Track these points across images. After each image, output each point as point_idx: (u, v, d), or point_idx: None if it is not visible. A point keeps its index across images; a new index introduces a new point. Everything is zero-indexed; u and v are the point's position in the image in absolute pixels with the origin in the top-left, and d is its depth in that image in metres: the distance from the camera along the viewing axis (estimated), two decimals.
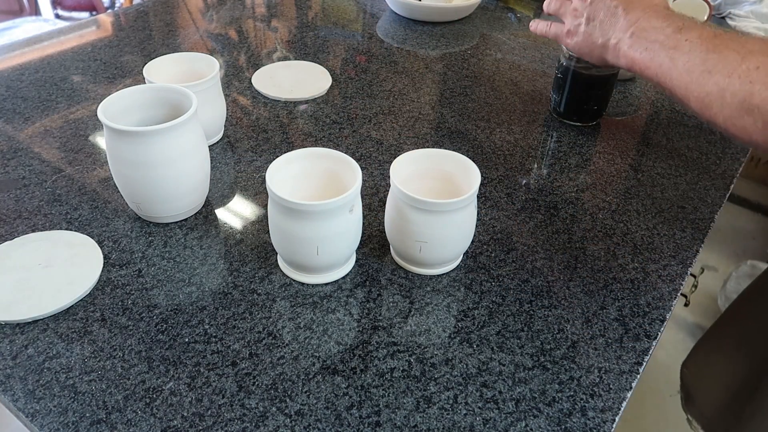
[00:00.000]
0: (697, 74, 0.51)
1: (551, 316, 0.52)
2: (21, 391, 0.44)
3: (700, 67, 0.50)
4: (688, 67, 0.52)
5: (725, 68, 0.48)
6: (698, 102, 0.51)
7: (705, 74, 0.50)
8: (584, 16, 0.64)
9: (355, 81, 0.87)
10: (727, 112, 0.48)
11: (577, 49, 0.67)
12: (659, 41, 0.55)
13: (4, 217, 0.59)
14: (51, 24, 2.23)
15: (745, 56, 0.47)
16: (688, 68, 0.51)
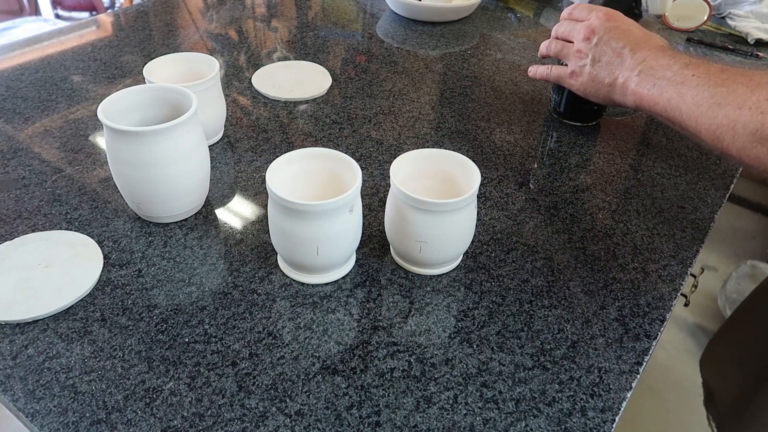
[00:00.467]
0: (706, 107, 0.51)
1: (551, 316, 0.52)
2: (21, 391, 0.44)
3: (710, 100, 0.51)
4: (697, 101, 0.52)
5: (735, 101, 0.49)
6: (710, 135, 0.51)
7: (715, 107, 0.51)
8: (589, 56, 0.65)
9: (355, 81, 0.87)
10: (739, 144, 0.49)
11: (582, 89, 0.67)
12: (667, 77, 0.56)
13: (4, 217, 0.59)
14: (51, 24, 2.23)
15: (754, 89, 0.48)
16: (697, 102, 0.52)
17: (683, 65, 0.55)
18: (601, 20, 0.64)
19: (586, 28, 0.65)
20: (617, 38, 0.62)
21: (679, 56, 0.57)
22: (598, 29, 0.64)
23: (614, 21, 0.64)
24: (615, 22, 0.64)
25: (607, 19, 0.64)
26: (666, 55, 0.58)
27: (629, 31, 0.63)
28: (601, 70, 0.63)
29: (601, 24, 0.64)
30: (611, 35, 0.63)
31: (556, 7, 1.16)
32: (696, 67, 0.55)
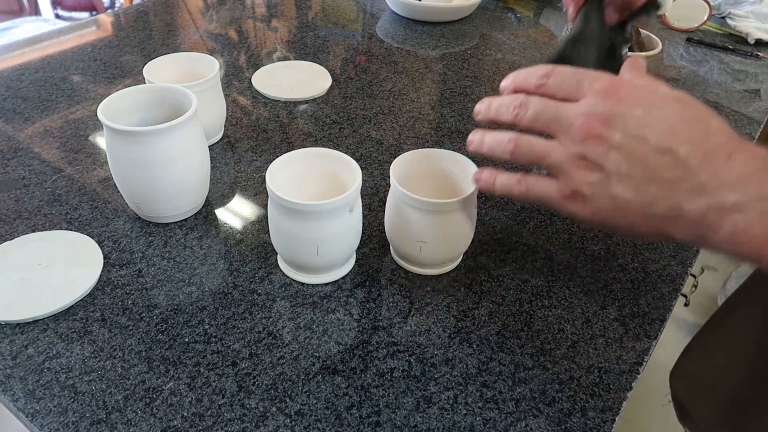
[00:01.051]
0: None
1: (551, 316, 0.52)
2: (21, 391, 0.44)
3: None
4: None
5: None
6: None
7: None
8: (606, 167, 0.37)
9: (355, 81, 0.87)
10: None
11: (600, 219, 0.39)
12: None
13: (4, 217, 0.59)
14: (51, 24, 2.23)
15: None
16: None
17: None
18: (607, 101, 0.37)
19: (588, 119, 0.37)
20: (656, 133, 0.36)
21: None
22: (605, 119, 0.37)
23: (636, 101, 0.37)
24: (638, 102, 0.37)
25: (617, 98, 0.37)
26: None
27: (669, 114, 0.36)
28: (641, 190, 0.36)
29: (608, 108, 0.37)
30: (642, 128, 0.36)
31: (556, 7, 1.16)
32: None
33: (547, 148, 0.39)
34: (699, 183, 0.34)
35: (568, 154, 0.38)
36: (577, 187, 0.38)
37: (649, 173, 0.35)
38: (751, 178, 0.33)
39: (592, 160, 0.37)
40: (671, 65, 0.99)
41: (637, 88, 0.37)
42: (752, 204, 0.32)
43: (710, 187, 0.34)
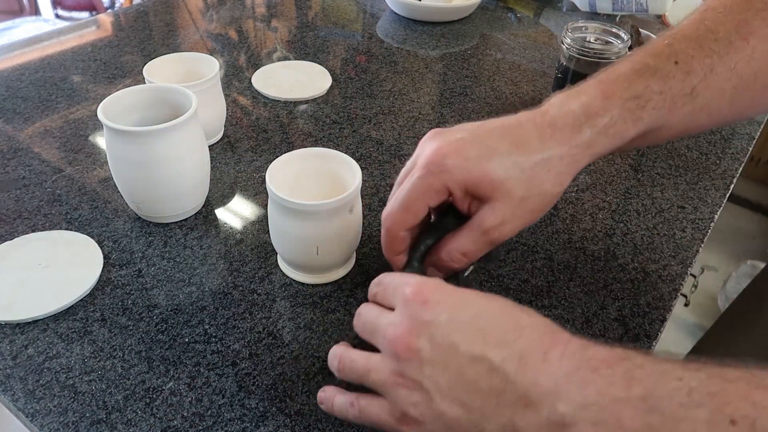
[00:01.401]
0: None
1: (551, 316, 0.52)
2: (21, 391, 0.44)
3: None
4: None
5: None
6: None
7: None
8: (424, 383, 0.33)
9: (355, 81, 0.87)
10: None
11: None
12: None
13: (4, 217, 0.59)
14: (51, 24, 2.23)
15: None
16: None
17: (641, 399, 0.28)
18: (413, 308, 0.34)
19: (396, 330, 0.34)
20: (466, 339, 0.32)
21: (616, 366, 0.31)
22: (413, 330, 0.33)
23: (440, 304, 0.34)
24: (442, 305, 0.34)
25: (422, 303, 0.34)
26: (598, 367, 0.31)
27: (477, 314, 0.34)
28: (467, 406, 0.32)
29: (414, 317, 0.34)
30: (450, 335, 0.33)
31: (555, 7, 1.16)
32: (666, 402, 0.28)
33: (369, 364, 0.35)
34: (522, 394, 0.30)
35: (388, 371, 0.34)
36: (404, 409, 0.33)
37: (468, 386, 0.31)
38: (571, 381, 0.30)
39: (410, 377, 0.33)
40: None
41: (441, 289, 0.35)
42: (580, 414, 0.29)
43: (535, 398, 0.30)
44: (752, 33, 0.43)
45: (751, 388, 0.27)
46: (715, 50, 0.43)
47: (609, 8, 1.06)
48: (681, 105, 0.42)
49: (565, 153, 0.40)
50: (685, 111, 0.43)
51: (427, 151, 0.41)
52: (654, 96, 0.41)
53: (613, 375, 0.30)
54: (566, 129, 0.40)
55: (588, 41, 0.75)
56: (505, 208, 0.40)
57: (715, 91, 0.43)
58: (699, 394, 0.27)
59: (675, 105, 0.42)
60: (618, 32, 0.75)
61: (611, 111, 0.41)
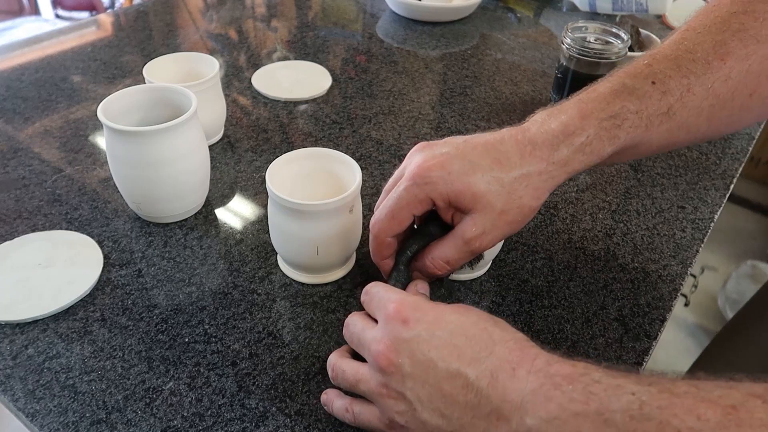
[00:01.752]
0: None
1: (551, 316, 0.52)
2: (21, 391, 0.44)
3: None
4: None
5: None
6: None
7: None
8: (407, 396, 0.36)
9: (355, 81, 0.87)
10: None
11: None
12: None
13: (4, 217, 0.59)
14: (51, 24, 2.23)
15: None
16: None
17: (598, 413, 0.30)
18: (394, 326, 0.37)
19: (379, 346, 0.37)
20: (443, 355, 0.35)
21: (579, 378, 0.32)
22: (394, 347, 0.36)
23: (419, 322, 0.36)
24: (421, 323, 0.36)
25: (402, 322, 0.37)
26: (558, 382, 0.32)
27: (452, 331, 0.36)
28: (447, 416, 0.35)
29: (395, 334, 0.36)
30: (429, 351, 0.35)
31: (556, 7, 1.16)
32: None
33: (358, 375, 0.39)
34: (495, 408, 0.33)
35: (375, 383, 0.37)
36: (391, 417, 0.37)
37: (446, 399, 0.35)
38: (536, 397, 0.32)
39: (394, 389, 0.36)
40: None
41: (420, 307, 0.37)
42: (545, 428, 0.32)
43: (505, 412, 0.33)
44: (729, 53, 0.44)
45: (696, 401, 0.29)
46: (693, 70, 0.44)
47: (609, 8, 1.06)
48: (658, 124, 0.44)
49: (543, 170, 0.42)
50: (663, 129, 0.44)
51: (414, 164, 0.43)
52: (630, 115, 0.43)
53: (573, 391, 0.32)
54: (545, 147, 0.42)
55: (588, 41, 0.75)
56: (485, 219, 0.42)
57: (692, 110, 0.44)
58: (649, 407, 0.29)
59: (652, 123, 0.43)
60: (618, 32, 0.75)
61: (587, 130, 0.42)
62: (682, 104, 0.43)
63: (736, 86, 0.44)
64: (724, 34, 0.44)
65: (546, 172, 0.42)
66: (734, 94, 0.44)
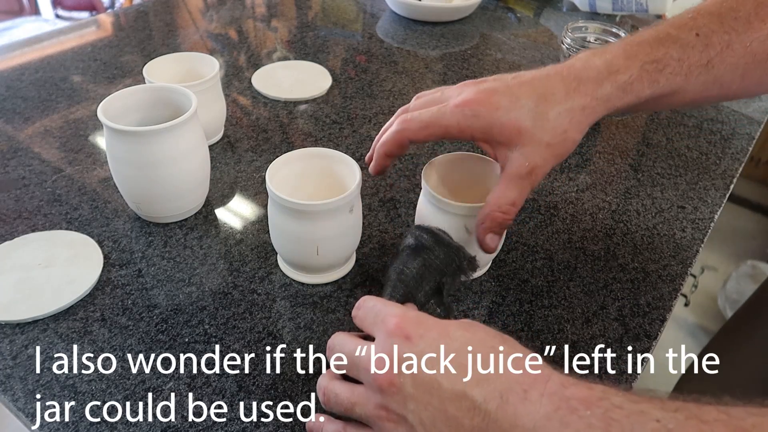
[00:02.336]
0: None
1: (551, 316, 0.52)
2: (21, 391, 0.44)
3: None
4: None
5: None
6: None
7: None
8: (408, 419, 0.34)
9: (355, 81, 0.87)
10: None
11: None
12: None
13: (4, 217, 0.59)
14: (51, 24, 2.23)
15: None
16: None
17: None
18: (395, 342, 0.34)
19: (379, 365, 0.35)
20: (449, 376, 0.33)
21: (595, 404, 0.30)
22: (395, 365, 0.34)
23: (423, 339, 0.34)
24: (425, 340, 0.34)
25: (404, 338, 0.34)
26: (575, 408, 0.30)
27: (458, 348, 0.34)
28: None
29: (396, 351, 0.34)
30: (433, 371, 0.33)
31: (556, 7, 1.16)
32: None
33: (353, 398, 0.36)
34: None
35: (373, 405, 0.35)
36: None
37: (451, 422, 0.32)
38: (550, 422, 0.30)
39: (395, 411, 0.34)
40: None
41: (423, 323, 0.35)
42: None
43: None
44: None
45: (728, 430, 0.27)
46: (735, 27, 0.46)
47: (609, 8, 1.06)
48: (696, 74, 0.46)
49: (587, 104, 0.44)
50: (700, 81, 0.46)
51: (465, 94, 0.45)
52: (672, 62, 0.45)
53: (592, 416, 0.29)
54: (589, 83, 0.44)
55: (588, 41, 0.75)
56: (534, 153, 0.44)
57: (729, 66, 0.46)
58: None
59: (691, 73, 0.45)
60: (618, 32, 0.75)
61: (631, 70, 0.44)
62: (721, 59, 0.46)
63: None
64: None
65: (589, 107, 0.44)
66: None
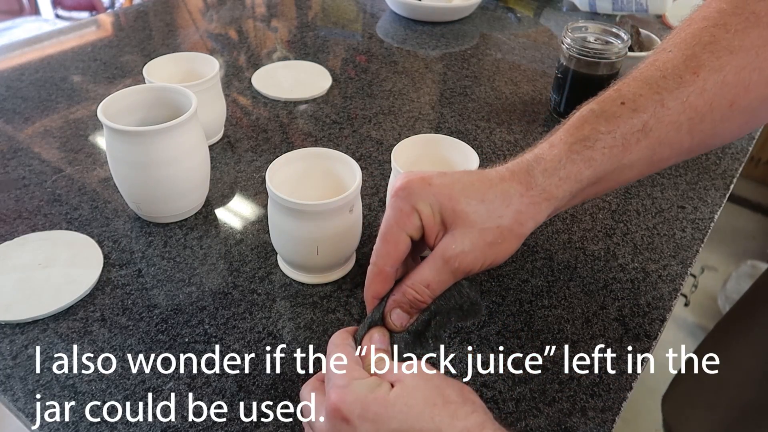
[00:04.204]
0: None
1: (551, 316, 0.52)
2: (21, 391, 0.44)
3: None
4: None
5: None
6: None
7: None
8: None
9: (355, 81, 0.87)
10: None
11: None
12: None
13: (4, 217, 0.59)
14: (51, 24, 2.23)
15: None
16: None
17: None
18: (335, 425, 0.36)
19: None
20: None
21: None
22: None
23: (363, 419, 0.35)
24: (361, 422, 0.35)
25: (343, 420, 0.35)
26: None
27: (399, 427, 0.35)
28: None
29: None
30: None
31: (555, 7, 1.16)
32: None
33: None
34: None
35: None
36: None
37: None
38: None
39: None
40: None
41: (361, 402, 0.35)
42: None
43: None
44: (701, 66, 0.43)
45: None
46: (664, 86, 0.43)
47: (609, 8, 1.06)
48: (635, 141, 0.42)
49: (524, 192, 0.41)
50: (642, 146, 0.43)
51: (396, 183, 0.42)
52: (601, 136, 0.42)
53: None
54: (521, 172, 0.42)
55: (588, 41, 0.75)
56: (464, 236, 0.40)
57: (670, 125, 0.43)
58: None
59: (628, 141, 0.42)
60: (618, 32, 0.75)
61: (558, 155, 0.42)
62: (657, 119, 0.43)
63: (713, 98, 0.43)
64: (694, 48, 0.44)
65: (527, 194, 0.41)
66: (713, 105, 0.43)
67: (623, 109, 0.43)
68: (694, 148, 0.46)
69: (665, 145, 0.44)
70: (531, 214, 0.42)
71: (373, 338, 0.41)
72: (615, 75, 0.76)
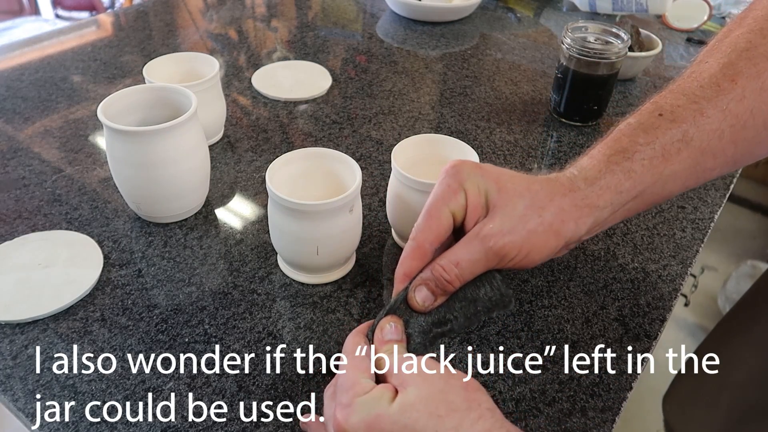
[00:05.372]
0: None
1: (551, 316, 0.52)
2: (21, 391, 0.44)
3: None
4: None
5: None
6: None
7: None
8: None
9: (355, 81, 0.87)
10: None
11: None
12: None
13: (4, 217, 0.59)
14: (51, 24, 2.23)
15: None
16: None
17: None
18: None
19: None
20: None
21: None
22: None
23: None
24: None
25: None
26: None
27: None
28: None
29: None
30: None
31: (555, 7, 1.16)
32: None
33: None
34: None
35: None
36: None
37: None
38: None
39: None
40: (671, 65, 0.99)
41: (365, 419, 0.35)
42: None
43: None
44: (738, 73, 0.43)
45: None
46: (702, 95, 0.43)
47: (609, 8, 1.06)
48: (676, 151, 0.42)
49: (567, 192, 0.41)
50: (684, 157, 0.42)
51: (447, 165, 0.42)
52: (640, 147, 0.42)
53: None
54: (563, 178, 0.42)
55: (588, 41, 0.75)
56: (504, 217, 0.39)
57: (711, 133, 0.42)
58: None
59: (668, 152, 0.42)
60: (618, 32, 0.75)
61: (597, 165, 0.41)
62: (697, 128, 0.42)
63: (753, 104, 0.42)
64: (730, 56, 0.43)
65: (569, 195, 0.40)
66: (753, 112, 0.43)
67: (661, 121, 0.42)
68: (739, 158, 0.45)
69: (708, 154, 0.43)
70: (573, 216, 0.41)
71: (384, 331, 0.40)
72: (615, 75, 0.76)
